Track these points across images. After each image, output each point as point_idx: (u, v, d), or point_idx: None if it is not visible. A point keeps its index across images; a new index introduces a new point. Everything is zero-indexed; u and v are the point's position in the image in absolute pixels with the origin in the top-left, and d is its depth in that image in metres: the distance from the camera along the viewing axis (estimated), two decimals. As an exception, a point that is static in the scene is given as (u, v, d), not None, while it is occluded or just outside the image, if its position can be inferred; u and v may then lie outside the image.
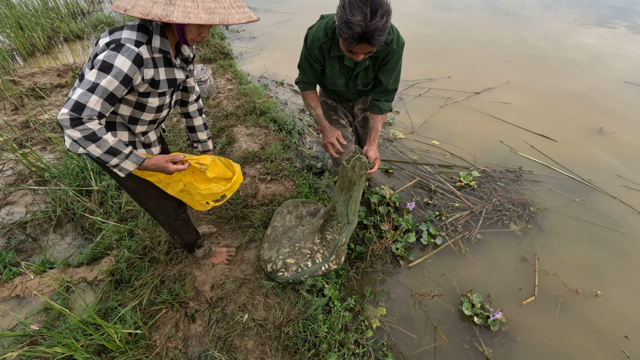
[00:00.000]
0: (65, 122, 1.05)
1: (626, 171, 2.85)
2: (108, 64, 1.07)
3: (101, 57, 1.07)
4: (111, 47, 1.08)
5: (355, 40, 1.31)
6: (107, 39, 1.13)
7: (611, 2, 7.01)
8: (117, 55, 1.07)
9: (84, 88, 1.05)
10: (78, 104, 1.05)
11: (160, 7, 1.03)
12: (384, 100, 1.82)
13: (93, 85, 1.06)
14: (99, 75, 1.06)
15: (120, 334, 1.60)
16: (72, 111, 1.04)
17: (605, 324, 1.87)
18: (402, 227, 2.27)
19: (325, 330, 1.66)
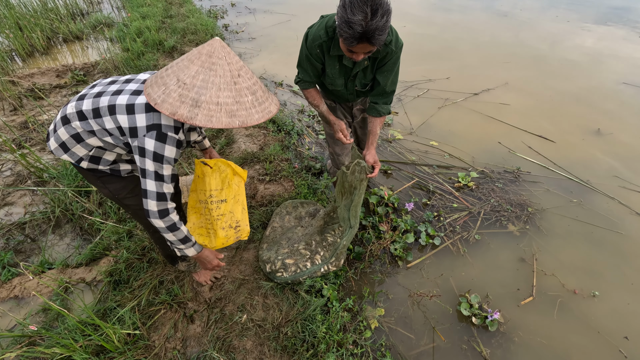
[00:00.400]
0: (155, 215, 1.26)
1: (624, 172, 2.86)
2: (159, 155, 1.20)
3: (151, 148, 1.18)
4: (156, 138, 1.18)
5: (355, 40, 1.31)
6: (144, 119, 1.18)
7: (610, 3, 7.04)
8: (164, 146, 1.20)
9: (153, 179, 1.22)
10: (159, 194, 1.25)
11: (187, 108, 1.09)
12: (382, 102, 1.82)
13: (159, 175, 1.23)
14: (158, 166, 1.21)
15: (119, 335, 1.60)
16: (158, 201, 1.25)
17: (603, 324, 1.87)
18: (401, 228, 2.27)
19: (323, 330, 1.66)
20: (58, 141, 1.30)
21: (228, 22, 6.06)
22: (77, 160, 1.33)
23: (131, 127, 1.19)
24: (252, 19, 6.22)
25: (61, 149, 1.31)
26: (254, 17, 6.30)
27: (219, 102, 1.11)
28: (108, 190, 1.45)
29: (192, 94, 1.10)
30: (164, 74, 1.15)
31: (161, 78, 1.14)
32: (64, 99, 3.82)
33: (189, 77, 1.10)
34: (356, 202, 1.78)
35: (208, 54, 1.12)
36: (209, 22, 5.50)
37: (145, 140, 1.17)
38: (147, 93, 1.13)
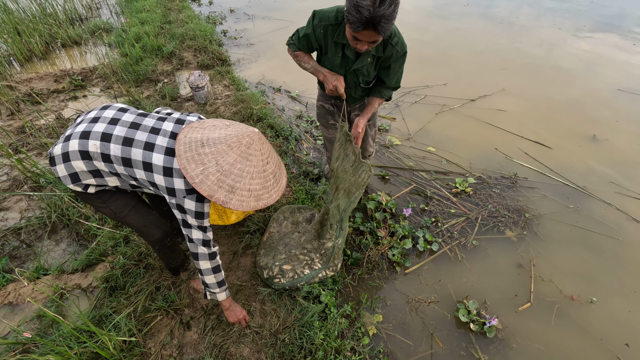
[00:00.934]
0: (205, 257, 1.42)
1: (620, 178, 2.88)
2: (200, 212, 1.32)
3: (194, 210, 1.30)
4: (196, 200, 1.29)
5: (362, 25, 1.33)
6: (182, 184, 1.26)
7: (603, 11, 7.14)
8: (203, 205, 1.32)
9: (197, 229, 1.36)
10: (205, 241, 1.39)
11: (223, 193, 1.19)
12: (385, 87, 1.83)
13: (202, 227, 1.36)
14: (200, 221, 1.34)
15: (115, 342, 1.58)
16: (204, 246, 1.40)
17: (601, 330, 1.87)
18: (399, 234, 2.27)
19: (321, 337, 1.65)
20: (69, 170, 1.28)
21: (227, 28, 6.08)
22: (84, 188, 1.35)
23: (169, 187, 1.26)
24: (251, 25, 6.25)
25: (70, 178, 1.30)
26: (253, 23, 6.34)
27: (250, 189, 1.23)
28: (110, 209, 1.46)
29: (229, 181, 1.19)
30: (203, 152, 1.19)
31: (199, 155, 1.19)
32: (61, 103, 3.82)
33: (227, 164, 1.19)
34: (352, 206, 1.77)
35: (247, 145, 1.22)
36: (208, 28, 5.53)
37: (186, 201, 1.28)
38: (184, 167, 1.17)
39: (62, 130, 3.29)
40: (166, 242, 1.68)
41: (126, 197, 1.49)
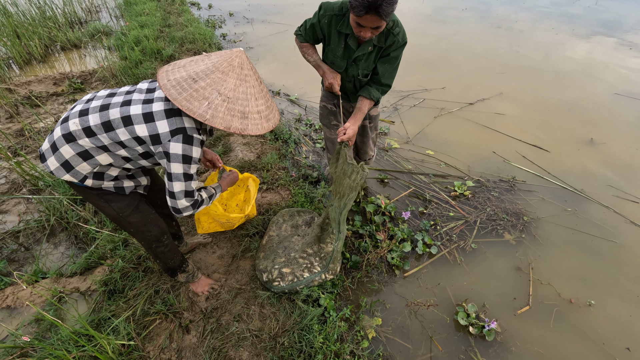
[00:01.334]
0: (188, 209, 1.36)
1: (617, 181, 2.89)
2: (188, 156, 1.25)
3: (179, 152, 1.23)
4: (183, 141, 1.22)
5: (364, 9, 1.35)
6: (166, 125, 1.21)
7: (600, 16, 7.20)
8: (192, 147, 1.24)
9: (182, 180, 1.28)
10: (188, 192, 1.32)
11: (238, 121, 1.18)
12: (375, 88, 1.83)
13: (188, 175, 1.29)
14: (186, 167, 1.26)
15: (113, 345, 1.58)
16: (187, 197, 1.33)
17: (599, 333, 1.88)
18: (398, 237, 2.27)
19: (320, 340, 1.65)
20: (60, 160, 1.27)
21: (226, 32, 6.11)
22: (81, 179, 1.31)
23: (152, 134, 1.21)
24: (250, 28, 6.28)
25: (63, 168, 1.28)
26: (252, 26, 6.37)
27: (258, 111, 1.21)
28: (112, 209, 1.44)
29: (238, 107, 1.17)
30: (198, 87, 1.15)
31: (197, 92, 1.14)
32: (60, 106, 3.82)
33: (230, 91, 1.16)
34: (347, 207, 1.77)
35: (240, 67, 1.18)
36: (207, 32, 5.55)
37: (171, 145, 1.21)
38: (188, 108, 1.13)
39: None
40: (164, 240, 1.66)
41: (128, 197, 1.48)
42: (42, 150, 1.31)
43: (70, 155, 1.26)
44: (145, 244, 1.63)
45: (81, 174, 1.30)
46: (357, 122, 1.78)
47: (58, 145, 1.26)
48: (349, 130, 1.73)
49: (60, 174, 1.29)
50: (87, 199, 1.43)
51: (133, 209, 1.49)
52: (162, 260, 1.73)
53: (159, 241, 1.64)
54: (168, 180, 1.28)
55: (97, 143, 1.24)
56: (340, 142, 1.75)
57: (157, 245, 1.64)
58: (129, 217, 1.49)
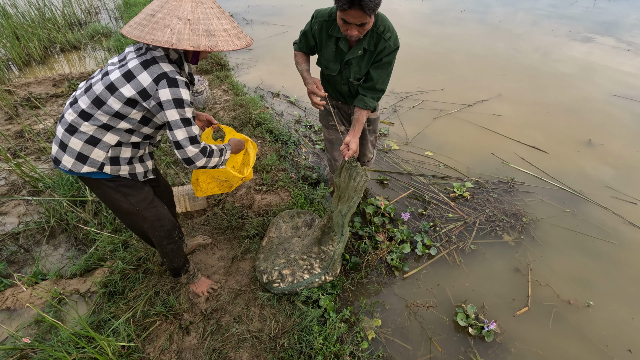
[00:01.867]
0: (198, 156, 1.35)
1: (615, 182, 2.90)
2: (179, 98, 1.24)
3: (170, 97, 1.23)
4: (168, 85, 1.22)
5: (347, 2, 1.37)
6: (147, 76, 1.22)
7: (598, 18, 7.23)
8: (179, 89, 1.24)
9: (182, 126, 1.27)
10: (192, 138, 1.31)
11: (205, 39, 1.19)
12: (370, 96, 1.83)
13: (186, 119, 1.28)
14: (181, 111, 1.26)
15: (114, 347, 1.58)
16: (194, 144, 1.32)
17: (598, 334, 1.89)
18: (397, 238, 2.28)
19: (320, 341, 1.65)
20: (73, 155, 1.29)
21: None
22: (100, 167, 1.33)
23: (139, 90, 1.23)
24: (250, 30, 6.29)
25: (79, 162, 1.30)
26: (252, 28, 6.38)
27: (225, 29, 1.23)
28: (129, 202, 1.46)
29: (202, 26, 1.18)
30: (157, 18, 1.18)
31: (157, 23, 1.17)
32: (60, 108, 3.82)
33: (189, 13, 1.17)
34: (352, 210, 1.79)
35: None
36: (207, 33, 5.55)
37: (159, 93, 1.22)
38: (153, 39, 1.16)
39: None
40: (174, 236, 1.68)
41: (144, 191, 1.51)
42: (53, 155, 1.33)
43: (80, 145, 1.28)
44: (157, 241, 1.65)
45: (98, 162, 1.32)
46: (357, 135, 1.79)
47: (65, 141, 1.29)
48: (352, 144, 1.74)
49: (78, 167, 1.31)
50: (103, 195, 1.44)
51: (148, 203, 1.52)
52: (169, 259, 1.74)
53: (170, 237, 1.66)
54: (169, 131, 1.29)
55: (97, 123, 1.27)
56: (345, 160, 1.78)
57: (167, 242, 1.66)
58: (144, 211, 1.52)
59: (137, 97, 1.24)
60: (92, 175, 1.36)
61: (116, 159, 1.37)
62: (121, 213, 1.54)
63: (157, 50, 1.26)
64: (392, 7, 7.85)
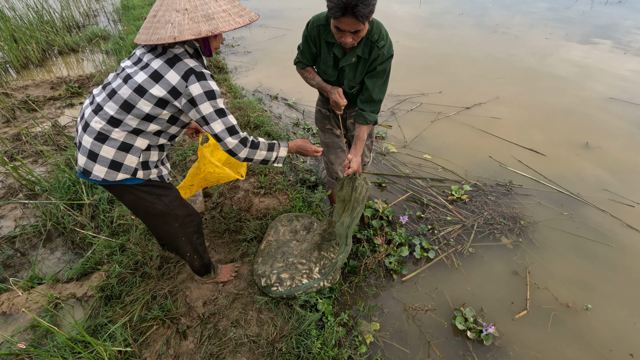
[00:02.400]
0: (239, 147, 1.36)
1: (613, 185, 2.91)
2: (210, 90, 1.26)
3: (201, 91, 1.23)
4: (197, 79, 1.23)
5: (340, 10, 1.36)
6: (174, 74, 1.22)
7: (594, 21, 7.28)
8: (208, 82, 1.25)
9: (217, 117, 1.29)
10: (230, 128, 1.33)
11: (205, 24, 1.20)
12: (369, 110, 1.82)
13: (220, 111, 1.29)
14: (214, 103, 1.27)
15: (110, 352, 1.57)
16: (233, 135, 1.33)
17: (596, 337, 1.88)
18: (395, 241, 2.28)
19: (318, 346, 1.64)
20: (106, 163, 1.29)
21: (224, 36, 6.13)
22: (133, 172, 1.34)
23: (169, 90, 1.23)
24: (248, 33, 6.30)
25: (113, 170, 1.30)
26: (250, 31, 6.39)
27: (224, 10, 1.23)
28: (163, 203, 1.48)
29: (200, 13, 1.19)
30: (158, 17, 1.20)
31: (158, 22, 1.19)
32: (57, 110, 3.81)
33: (186, 3, 1.18)
34: (355, 221, 1.80)
35: None
36: (205, 36, 5.56)
37: (190, 88, 1.23)
38: (158, 39, 1.17)
39: (59, 137, 3.28)
40: (201, 230, 1.73)
41: (172, 190, 1.54)
42: (82, 167, 1.31)
43: (113, 152, 1.28)
44: (187, 239, 1.66)
45: (132, 168, 1.33)
46: (359, 152, 1.79)
47: (96, 150, 1.28)
48: (353, 163, 1.74)
49: (113, 176, 1.31)
50: (137, 200, 1.45)
51: (179, 202, 1.55)
52: (200, 255, 1.77)
53: (199, 231, 1.70)
54: (206, 126, 1.30)
55: (127, 128, 1.27)
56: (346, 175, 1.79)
57: (197, 236, 1.70)
58: (177, 210, 1.54)
59: (168, 97, 1.24)
60: (126, 182, 1.36)
61: (146, 163, 1.39)
62: (154, 215, 1.53)
63: (176, 48, 1.26)
64: (390, 10, 7.88)
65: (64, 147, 3.14)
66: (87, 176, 1.32)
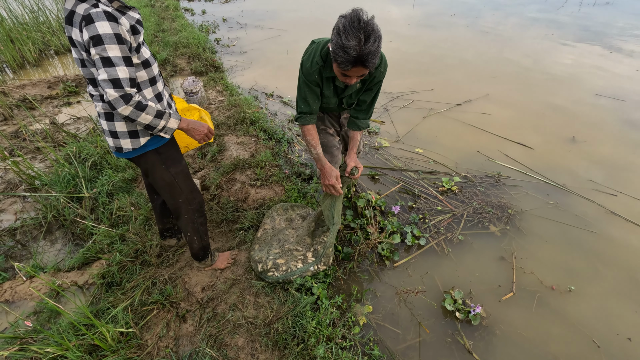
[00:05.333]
0: (120, 103, 1.20)
1: (597, 176, 3.02)
2: (96, 34, 1.13)
3: (87, 37, 1.14)
4: (87, 23, 1.14)
5: (350, 64, 1.42)
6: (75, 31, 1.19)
7: (583, 23, 7.45)
8: (94, 24, 1.12)
9: (104, 66, 1.17)
10: (117, 81, 1.19)
11: None
12: (362, 118, 1.95)
13: (106, 59, 1.17)
14: (100, 49, 1.15)
15: (113, 333, 1.63)
16: (116, 88, 1.18)
17: (578, 316, 1.97)
18: (388, 229, 2.36)
19: (313, 325, 1.72)
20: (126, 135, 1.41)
21: (220, 37, 6.20)
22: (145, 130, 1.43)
23: (83, 49, 1.22)
24: (243, 33, 6.38)
25: (134, 137, 1.43)
26: (245, 32, 6.47)
27: None
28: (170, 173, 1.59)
29: None
30: None
31: None
32: (55, 109, 3.86)
33: None
34: (337, 200, 1.92)
35: None
36: (201, 36, 5.64)
37: (83, 36, 1.16)
38: None
39: (57, 134, 3.33)
40: (203, 211, 1.81)
41: (182, 163, 1.63)
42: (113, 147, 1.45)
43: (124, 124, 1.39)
44: (189, 217, 1.74)
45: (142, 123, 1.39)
46: (354, 151, 1.93)
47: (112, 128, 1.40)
48: (349, 161, 1.88)
49: (136, 144, 1.44)
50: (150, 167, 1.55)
51: (185, 176, 1.64)
52: (200, 235, 1.85)
53: (200, 211, 1.78)
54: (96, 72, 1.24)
55: None
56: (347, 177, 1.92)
57: (198, 216, 1.77)
58: (182, 183, 1.63)
59: (85, 55, 1.25)
60: (149, 145, 1.49)
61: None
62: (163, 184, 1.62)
63: None
64: (384, 12, 8.00)
65: (62, 143, 3.19)
66: (120, 152, 1.45)
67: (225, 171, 2.78)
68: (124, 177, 2.67)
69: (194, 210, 1.75)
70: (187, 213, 1.72)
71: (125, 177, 2.68)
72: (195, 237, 1.83)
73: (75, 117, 3.71)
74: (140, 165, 1.57)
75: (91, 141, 3.04)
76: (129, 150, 1.45)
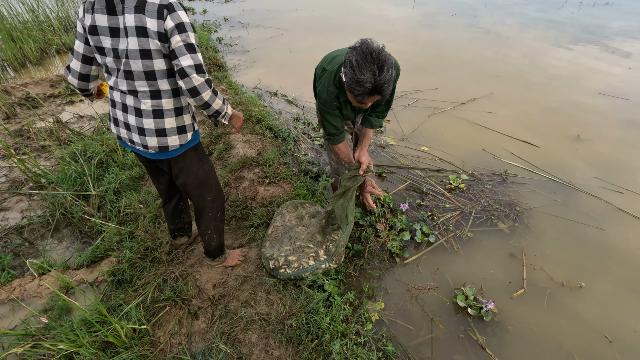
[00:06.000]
0: (205, 86, 1.26)
1: (603, 173, 3.03)
2: (180, 22, 1.19)
3: (174, 23, 1.18)
4: (170, 11, 1.18)
5: (367, 95, 1.45)
6: (150, 21, 1.17)
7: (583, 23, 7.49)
8: (178, 12, 1.20)
9: (188, 52, 1.21)
10: (200, 66, 1.25)
11: None
12: (375, 116, 1.97)
13: (191, 45, 1.23)
14: (186, 35, 1.21)
15: (126, 329, 1.62)
16: (199, 74, 1.24)
17: (589, 312, 1.98)
18: (397, 227, 2.36)
19: (327, 321, 1.71)
20: (174, 132, 1.40)
21: (222, 36, 6.19)
22: (191, 128, 1.46)
23: (158, 37, 1.21)
24: (245, 33, 6.37)
25: (182, 133, 1.43)
26: (247, 31, 6.46)
27: None
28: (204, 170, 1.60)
29: None
30: None
31: None
32: (58, 107, 3.84)
33: None
34: (350, 200, 1.92)
35: None
36: (203, 35, 5.62)
37: (166, 23, 1.20)
38: None
39: (62, 132, 3.31)
40: (225, 209, 1.84)
41: (210, 160, 1.66)
42: (156, 147, 1.40)
43: (174, 120, 1.38)
44: (213, 214, 1.75)
45: (190, 125, 1.46)
46: (366, 147, 1.95)
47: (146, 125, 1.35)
48: (362, 158, 1.90)
49: (183, 139, 1.44)
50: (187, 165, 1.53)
51: (214, 173, 1.67)
52: (219, 234, 1.86)
53: (223, 209, 1.80)
54: (175, 60, 1.22)
55: (169, 95, 1.34)
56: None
57: (221, 214, 1.79)
58: (212, 180, 1.66)
59: (161, 45, 1.26)
60: (190, 143, 1.52)
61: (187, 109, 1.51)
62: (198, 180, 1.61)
63: None
64: (384, 12, 8.02)
65: (67, 141, 3.17)
66: (165, 151, 1.42)
67: (232, 169, 2.78)
68: (131, 175, 2.66)
69: (218, 208, 1.75)
70: (211, 211, 1.72)
71: (132, 175, 2.66)
72: (215, 235, 1.83)
73: (79, 116, 3.69)
74: (177, 164, 1.52)
75: (97, 139, 3.03)
76: (175, 147, 1.42)
